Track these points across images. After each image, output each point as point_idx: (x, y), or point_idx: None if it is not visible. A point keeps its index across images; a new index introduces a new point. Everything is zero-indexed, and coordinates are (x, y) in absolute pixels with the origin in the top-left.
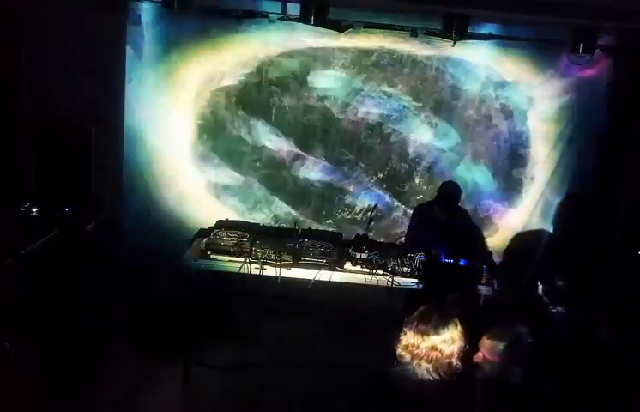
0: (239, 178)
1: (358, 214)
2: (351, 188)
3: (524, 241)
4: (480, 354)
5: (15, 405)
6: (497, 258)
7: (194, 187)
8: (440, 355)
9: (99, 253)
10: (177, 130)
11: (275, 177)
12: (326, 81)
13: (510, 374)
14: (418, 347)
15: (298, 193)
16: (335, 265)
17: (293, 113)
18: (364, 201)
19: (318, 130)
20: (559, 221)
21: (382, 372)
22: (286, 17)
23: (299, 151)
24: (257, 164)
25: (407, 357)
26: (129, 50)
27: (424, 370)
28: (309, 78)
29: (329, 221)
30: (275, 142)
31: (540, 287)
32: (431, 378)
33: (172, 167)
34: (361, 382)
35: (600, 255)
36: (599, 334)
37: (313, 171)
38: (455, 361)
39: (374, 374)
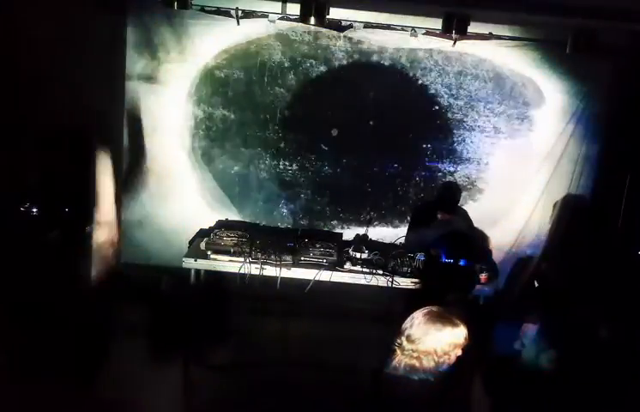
0: (240, 178)
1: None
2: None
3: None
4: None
5: (15, 405)
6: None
7: (194, 187)
8: (436, 358)
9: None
10: (176, 129)
11: (277, 177)
12: (327, 81)
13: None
14: (416, 349)
15: (299, 194)
16: (335, 265)
17: (295, 113)
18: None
19: (321, 130)
20: (559, 221)
21: (379, 373)
22: (285, 17)
23: (301, 151)
24: (259, 164)
25: (404, 357)
26: (129, 50)
27: (420, 371)
28: (310, 78)
29: (334, 222)
30: (276, 143)
31: (540, 287)
32: (427, 379)
33: (172, 167)
34: (359, 382)
35: (600, 255)
36: (599, 334)
37: (315, 172)
38: (451, 365)
39: (371, 374)
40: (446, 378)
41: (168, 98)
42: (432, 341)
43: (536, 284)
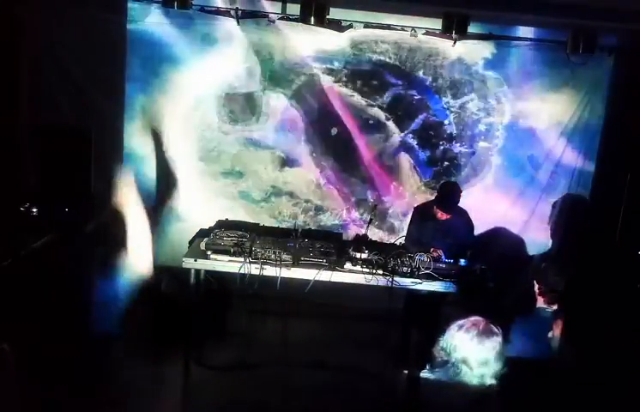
0: (240, 179)
1: (362, 214)
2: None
3: (524, 241)
4: None
5: (15, 406)
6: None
7: (194, 187)
8: (470, 371)
9: (98, 253)
10: (176, 129)
11: (277, 177)
12: (327, 82)
13: None
14: (458, 361)
15: (299, 194)
16: (335, 265)
17: (295, 114)
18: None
19: (321, 131)
20: (559, 221)
21: (416, 378)
22: (286, 17)
23: (301, 151)
24: (259, 164)
25: (445, 366)
26: (129, 50)
27: (460, 381)
28: (310, 79)
29: (336, 222)
30: (277, 143)
31: (540, 287)
32: (466, 388)
33: (172, 167)
34: (389, 383)
35: (599, 255)
36: (598, 334)
37: (316, 171)
38: (483, 380)
39: (407, 379)
40: (485, 387)
41: (169, 97)
42: (475, 355)
43: (536, 284)
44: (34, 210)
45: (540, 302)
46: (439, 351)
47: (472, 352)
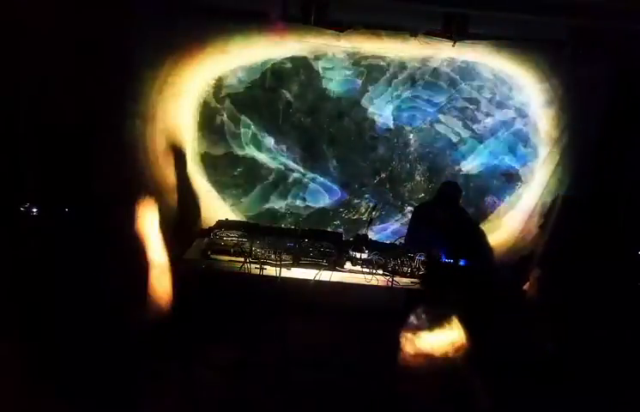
0: (240, 178)
1: (363, 214)
2: (354, 188)
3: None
4: None
5: (16, 406)
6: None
7: (194, 188)
8: (443, 360)
9: (98, 253)
10: (177, 130)
11: (276, 177)
12: (327, 82)
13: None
14: (419, 350)
15: (299, 194)
16: (335, 265)
17: (295, 114)
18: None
19: (321, 132)
20: (558, 221)
21: (385, 371)
22: (286, 17)
23: (300, 151)
24: (258, 165)
25: (409, 357)
26: (129, 50)
27: (424, 370)
28: (311, 79)
29: (337, 222)
30: (276, 143)
31: (539, 287)
32: (432, 377)
33: (173, 168)
34: (365, 381)
35: (599, 255)
36: (598, 334)
37: (314, 171)
38: (456, 367)
39: (378, 374)
40: (450, 375)
41: (170, 97)
42: (434, 342)
43: (536, 285)
44: (34, 210)
45: (539, 302)
46: (402, 346)
47: (442, 347)
